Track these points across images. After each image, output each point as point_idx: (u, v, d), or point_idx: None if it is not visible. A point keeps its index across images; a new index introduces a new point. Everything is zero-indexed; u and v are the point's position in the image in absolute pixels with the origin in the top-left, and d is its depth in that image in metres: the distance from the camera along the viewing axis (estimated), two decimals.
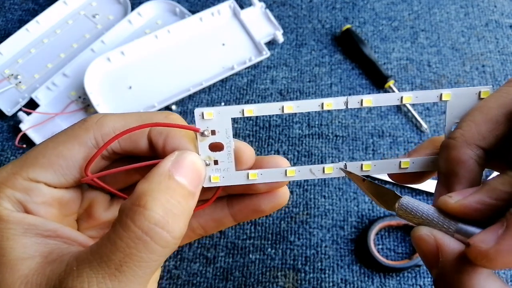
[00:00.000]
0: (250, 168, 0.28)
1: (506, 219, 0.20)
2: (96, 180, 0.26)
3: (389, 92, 0.56)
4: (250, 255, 0.47)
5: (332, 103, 0.26)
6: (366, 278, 0.46)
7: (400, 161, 0.27)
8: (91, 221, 0.29)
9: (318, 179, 0.51)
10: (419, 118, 0.54)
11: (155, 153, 0.27)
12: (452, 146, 0.24)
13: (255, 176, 0.27)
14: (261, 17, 0.61)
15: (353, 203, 0.50)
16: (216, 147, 0.26)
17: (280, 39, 0.60)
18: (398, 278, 0.46)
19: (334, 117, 0.55)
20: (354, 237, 0.48)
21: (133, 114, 0.27)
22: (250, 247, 0.48)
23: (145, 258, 0.22)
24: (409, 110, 0.55)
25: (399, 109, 0.55)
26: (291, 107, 0.26)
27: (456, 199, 0.23)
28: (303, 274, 0.46)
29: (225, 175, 0.27)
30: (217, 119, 0.26)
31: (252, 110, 0.26)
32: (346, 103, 0.26)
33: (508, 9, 0.63)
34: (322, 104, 0.26)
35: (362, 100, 0.26)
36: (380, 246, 0.47)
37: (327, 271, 0.46)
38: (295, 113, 0.55)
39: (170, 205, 0.22)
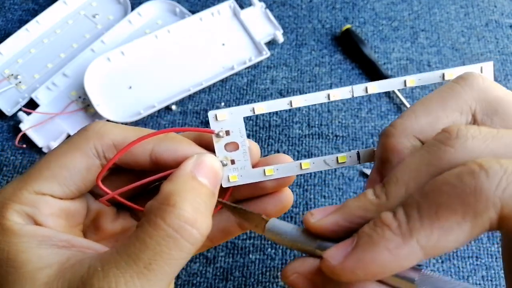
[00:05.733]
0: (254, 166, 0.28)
1: (357, 237, 0.21)
2: (117, 197, 0.27)
3: (389, 92, 0.56)
4: (250, 255, 0.47)
5: (338, 93, 0.27)
6: None
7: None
8: (99, 233, 0.29)
9: (318, 179, 0.51)
10: None
11: (156, 168, 0.27)
12: (389, 134, 0.25)
13: (272, 172, 0.28)
14: (261, 17, 0.61)
15: None
16: (231, 146, 0.27)
17: (280, 39, 0.60)
18: None
19: (334, 117, 0.55)
20: None
21: (134, 128, 0.28)
22: (250, 247, 0.48)
23: (175, 256, 0.22)
24: None
25: (399, 109, 0.55)
26: (299, 100, 0.27)
27: (317, 218, 0.23)
28: None
29: (242, 174, 0.28)
30: (230, 119, 0.27)
31: (262, 107, 0.27)
32: (352, 92, 0.27)
33: (508, 9, 0.63)
34: (328, 95, 0.27)
35: (366, 88, 0.27)
36: None
37: None
38: (295, 113, 0.55)
39: (197, 204, 0.23)
